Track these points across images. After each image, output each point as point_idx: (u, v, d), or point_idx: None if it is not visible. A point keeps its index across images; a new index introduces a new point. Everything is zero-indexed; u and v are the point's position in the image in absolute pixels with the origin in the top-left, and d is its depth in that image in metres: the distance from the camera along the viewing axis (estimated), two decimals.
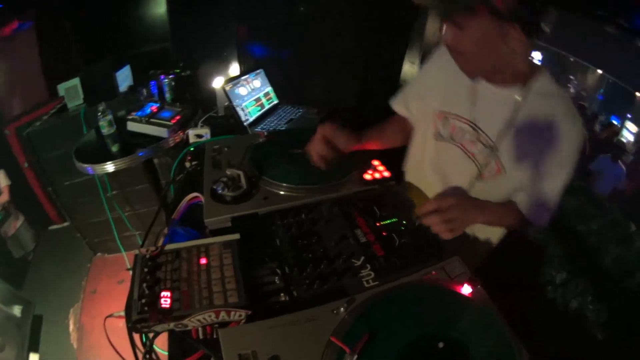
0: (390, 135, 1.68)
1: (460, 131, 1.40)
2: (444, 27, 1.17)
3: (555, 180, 1.29)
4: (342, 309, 0.87)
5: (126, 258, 3.42)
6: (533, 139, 1.25)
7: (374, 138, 1.59)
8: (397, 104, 1.66)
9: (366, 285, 0.97)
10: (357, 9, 3.58)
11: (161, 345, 0.99)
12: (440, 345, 0.80)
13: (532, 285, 2.55)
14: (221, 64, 3.73)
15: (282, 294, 0.94)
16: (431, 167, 1.55)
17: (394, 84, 3.79)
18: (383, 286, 0.96)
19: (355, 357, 0.75)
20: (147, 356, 0.94)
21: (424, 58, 3.68)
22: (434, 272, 1.01)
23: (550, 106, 1.23)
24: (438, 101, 1.46)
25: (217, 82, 2.53)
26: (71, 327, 3.15)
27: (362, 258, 1.05)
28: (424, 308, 0.91)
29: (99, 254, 3.76)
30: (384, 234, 1.15)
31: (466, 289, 0.94)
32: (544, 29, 1.11)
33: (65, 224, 3.67)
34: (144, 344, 0.96)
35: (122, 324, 0.87)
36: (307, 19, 3.73)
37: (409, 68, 3.69)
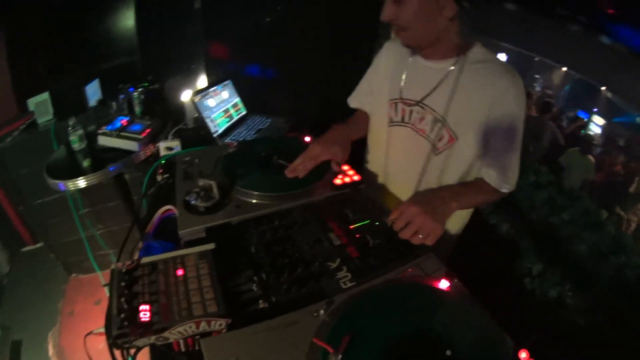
0: (364, 127, 1.76)
1: (409, 112, 1.50)
2: (385, 5, 1.27)
3: (510, 138, 1.36)
4: (322, 311, 0.88)
5: (101, 277, 3.36)
6: (476, 102, 1.34)
7: (356, 136, 1.67)
8: (353, 101, 1.80)
9: (344, 286, 0.99)
10: (321, 20, 3.61)
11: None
12: (425, 340, 0.82)
13: (510, 279, 2.59)
14: (189, 77, 3.73)
15: (261, 301, 0.95)
16: (389, 153, 1.64)
17: None
18: (360, 286, 0.98)
19: (340, 357, 0.76)
20: None
21: None
22: (410, 270, 1.03)
23: (486, 69, 1.33)
24: (387, 90, 1.58)
25: (186, 95, 2.52)
26: (50, 350, 3.07)
27: (338, 260, 1.06)
28: (404, 305, 0.93)
29: (73, 274, 3.68)
30: (358, 236, 1.16)
31: (444, 284, 0.97)
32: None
33: (39, 245, 3.57)
34: None
35: (102, 344, 0.86)
36: (273, 29, 3.75)
37: None
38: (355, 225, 1.21)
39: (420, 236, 1.12)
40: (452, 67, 1.36)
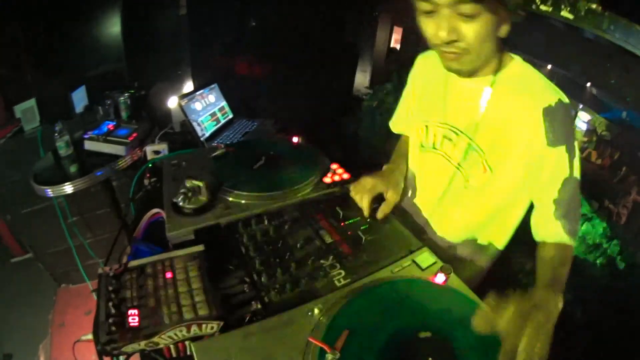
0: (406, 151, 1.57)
1: (441, 137, 1.32)
2: (442, 22, 1.01)
3: (568, 174, 1.14)
4: (316, 310, 0.87)
5: (91, 287, 3.29)
6: (512, 124, 1.14)
7: (402, 164, 1.51)
8: (394, 126, 1.64)
9: (338, 284, 0.97)
10: (307, 23, 3.62)
11: None
12: (422, 335, 0.81)
13: (503, 275, 2.59)
14: (175, 83, 3.71)
15: (253, 302, 0.92)
16: (418, 180, 1.48)
17: (347, 92, 3.84)
18: (355, 283, 0.96)
19: (338, 355, 0.74)
20: None
21: (374, 67, 3.76)
22: (405, 265, 1.01)
23: (528, 85, 1.14)
24: (419, 112, 1.42)
25: (172, 101, 2.50)
26: None
27: (331, 257, 1.05)
28: (400, 301, 0.91)
29: (63, 285, 3.61)
30: (350, 233, 1.15)
31: (440, 278, 0.95)
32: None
33: (27, 255, 3.53)
34: None
35: (94, 355, 0.84)
36: (258, 33, 3.76)
37: (360, 76, 3.75)
38: (347, 222, 1.20)
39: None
40: (491, 87, 1.17)
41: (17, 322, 3.10)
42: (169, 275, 0.95)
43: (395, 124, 1.63)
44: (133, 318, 0.84)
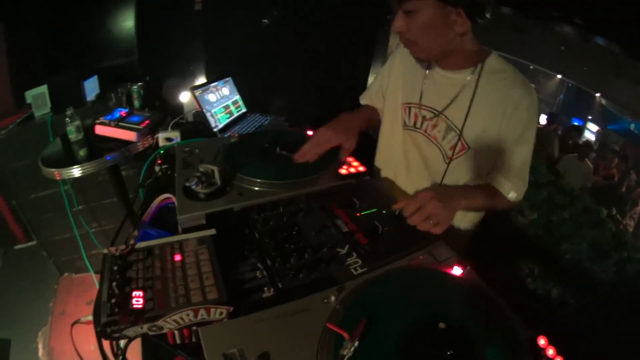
0: (370, 120, 1.75)
1: (422, 118, 1.50)
2: (396, 17, 1.27)
3: (522, 149, 1.36)
4: (332, 297, 0.83)
5: (94, 277, 3.28)
6: (490, 112, 1.33)
7: (363, 126, 1.63)
8: (363, 98, 1.82)
9: (354, 272, 0.94)
10: (321, 21, 3.60)
11: (135, 358, 0.92)
12: (441, 325, 0.77)
13: (512, 279, 2.56)
14: (188, 78, 3.70)
15: (265, 288, 0.88)
16: (400, 156, 1.63)
17: (359, 93, 3.83)
18: (372, 273, 0.93)
19: (356, 343, 0.70)
20: None
21: None
22: (421, 257, 0.99)
23: (501, 80, 1.33)
24: (400, 94, 1.58)
25: (186, 92, 2.48)
26: (40, 351, 3.00)
27: (347, 246, 1.02)
28: (418, 291, 0.88)
29: (65, 273, 3.60)
30: (366, 223, 1.12)
31: (457, 270, 0.93)
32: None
33: (31, 243, 3.50)
34: (115, 354, 0.88)
35: (93, 345, 0.80)
36: (273, 31, 3.75)
37: (373, 77, 3.73)
38: (363, 212, 1.17)
39: (431, 222, 1.09)
40: (469, 78, 1.36)
41: (17, 308, 3.08)
42: (177, 257, 0.91)
43: (365, 97, 1.81)
44: (137, 300, 0.80)
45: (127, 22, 3.73)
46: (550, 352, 0.75)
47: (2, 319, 2.86)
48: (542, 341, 0.76)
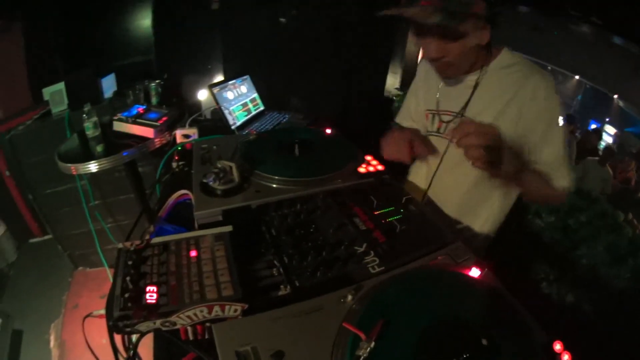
0: None
1: (445, 123, 1.50)
2: (430, 44, 1.25)
3: (552, 143, 1.30)
4: (349, 296, 0.81)
5: (109, 272, 3.28)
6: (506, 107, 1.32)
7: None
8: (401, 119, 1.81)
9: (372, 271, 0.92)
10: (338, 21, 3.60)
11: (146, 353, 0.91)
12: (458, 329, 0.76)
13: (527, 283, 2.53)
14: (205, 77, 3.72)
15: (282, 286, 0.87)
16: (430, 162, 1.61)
17: (378, 94, 3.81)
18: (390, 272, 0.91)
19: (372, 343, 0.68)
20: None
21: (405, 69, 3.74)
22: (439, 257, 0.97)
23: (511, 73, 1.32)
24: (424, 103, 1.61)
25: (203, 90, 2.48)
26: (52, 342, 3.03)
27: (365, 245, 1.00)
28: (436, 292, 0.86)
29: (80, 267, 3.64)
30: (383, 222, 1.10)
31: (475, 272, 0.91)
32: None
33: (47, 237, 3.55)
34: (126, 349, 0.88)
35: (105, 339, 0.80)
36: (288, 30, 3.75)
37: (391, 78, 3.72)
38: (381, 211, 1.15)
39: (479, 151, 1.08)
40: (477, 77, 1.37)
41: (31, 300, 3.13)
42: (193, 253, 0.90)
43: (402, 118, 1.81)
44: (151, 295, 0.79)
45: (144, 20, 3.76)
46: (566, 357, 0.73)
47: (16, 310, 2.90)
48: (557, 346, 0.75)
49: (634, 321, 2.21)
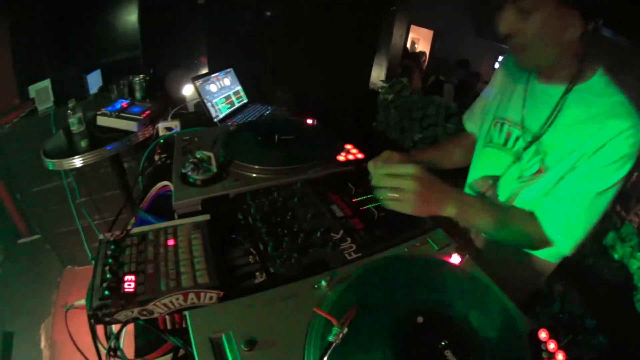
0: (450, 148, 1.65)
1: (514, 138, 1.30)
2: (504, 14, 1.07)
3: (591, 183, 1.09)
4: (324, 282, 0.81)
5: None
6: (576, 140, 1.11)
7: (430, 151, 1.56)
8: (467, 120, 1.63)
9: (348, 257, 0.92)
10: (323, 14, 3.59)
11: (128, 344, 0.91)
12: (419, 320, 0.75)
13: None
14: (191, 71, 3.70)
15: (257, 273, 0.87)
16: (473, 172, 1.48)
17: (363, 85, 3.81)
18: (366, 258, 0.91)
19: (345, 329, 0.68)
20: (112, 353, 0.85)
21: (390, 61, 3.73)
22: (418, 244, 0.96)
23: (599, 105, 1.09)
24: (495, 108, 1.41)
25: (187, 84, 2.47)
26: (42, 343, 3.01)
27: (341, 231, 1.00)
28: (413, 278, 0.86)
29: (68, 266, 3.62)
30: (362, 209, 1.10)
31: (455, 259, 0.90)
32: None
33: (35, 237, 3.53)
34: (108, 338, 0.87)
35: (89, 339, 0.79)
36: (275, 23, 3.75)
37: (376, 70, 3.72)
38: (359, 198, 1.15)
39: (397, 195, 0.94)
40: (565, 95, 1.15)
41: (20, 301, 3.10)
42: (170, 242, 0.91)
43: (468, 119, 1.63)
44: (129, 284, 0.80)
45: (130, 16, 3.74)
46: (552, 345, 0.73)
47: (6, 311, 2.87)
48: (543, 334, 0.74)
49: (624, 311, 2.22)
